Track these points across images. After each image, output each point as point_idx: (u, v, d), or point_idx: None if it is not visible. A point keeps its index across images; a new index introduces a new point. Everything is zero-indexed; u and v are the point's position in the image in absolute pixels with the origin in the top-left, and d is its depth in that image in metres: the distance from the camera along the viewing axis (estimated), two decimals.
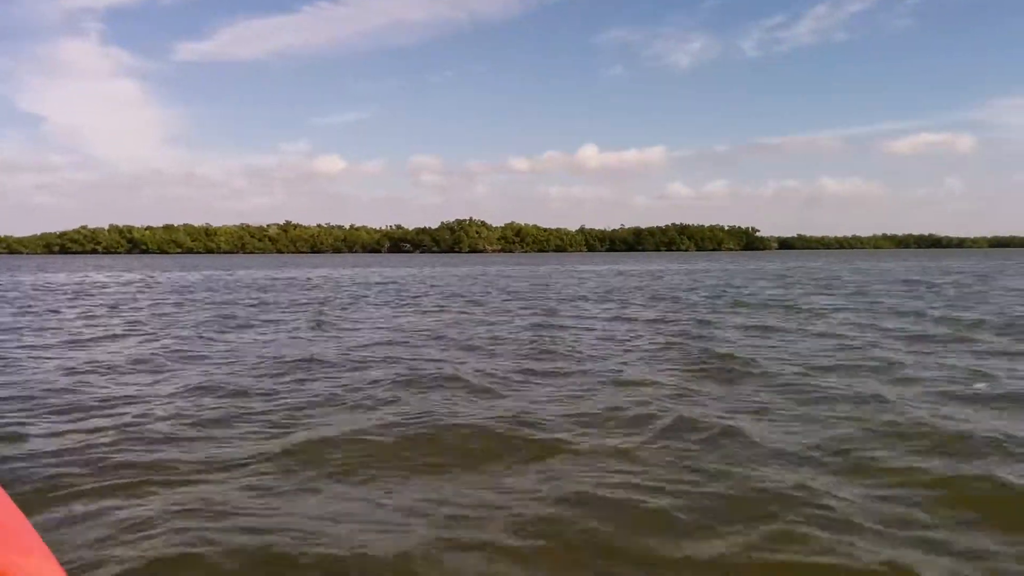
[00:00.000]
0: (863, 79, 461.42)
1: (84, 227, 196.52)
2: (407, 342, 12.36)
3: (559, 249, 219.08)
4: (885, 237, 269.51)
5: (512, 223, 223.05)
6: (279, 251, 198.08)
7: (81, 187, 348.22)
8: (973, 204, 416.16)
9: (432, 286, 32.63)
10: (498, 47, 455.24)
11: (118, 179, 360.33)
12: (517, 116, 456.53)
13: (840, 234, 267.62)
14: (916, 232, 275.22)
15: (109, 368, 9.75)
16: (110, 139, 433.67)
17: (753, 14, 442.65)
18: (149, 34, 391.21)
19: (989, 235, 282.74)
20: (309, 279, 40.95)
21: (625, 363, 10.07)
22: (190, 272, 54.31)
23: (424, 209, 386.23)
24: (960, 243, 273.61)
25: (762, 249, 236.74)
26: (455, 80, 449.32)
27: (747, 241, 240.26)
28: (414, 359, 10.32)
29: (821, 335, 13.01)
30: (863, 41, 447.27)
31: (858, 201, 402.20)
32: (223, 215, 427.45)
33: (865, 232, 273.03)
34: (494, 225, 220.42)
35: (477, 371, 9.19)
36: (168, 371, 9.57)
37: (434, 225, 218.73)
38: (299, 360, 10.05)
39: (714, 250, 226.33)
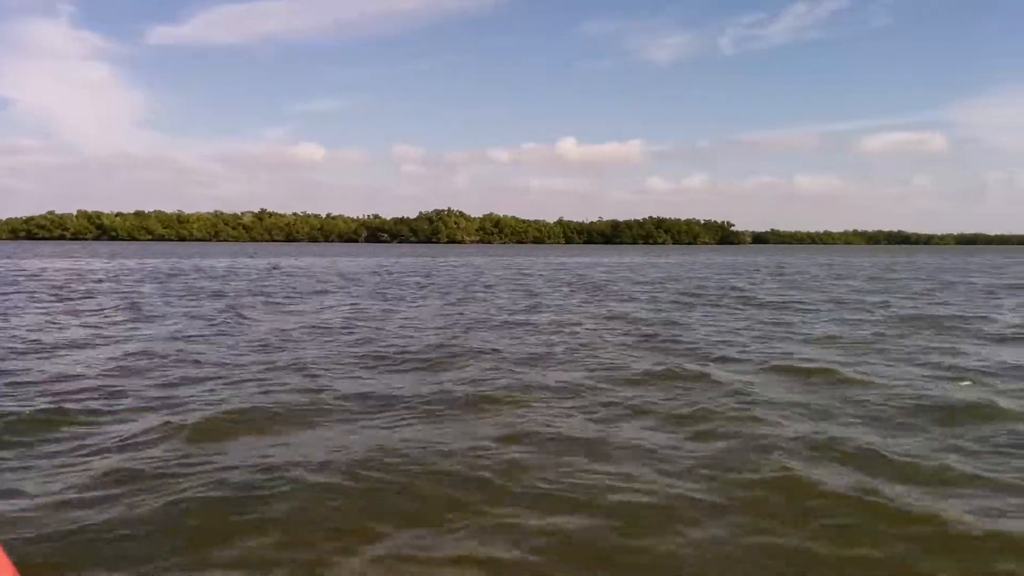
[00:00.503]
0: (839, 77, 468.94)
1: (51, 212, 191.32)
2: (293, 339, 12.25)
3: (537, 241, 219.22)
4: (856, 233, 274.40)
5: (491, 214, 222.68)
6: (253, 239, 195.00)
7: (50, 171, 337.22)
8: (942, 202, 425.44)
9: (378, 277, 32.56)
10: (481, 38, 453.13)
11: (88, 163, 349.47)
12: (497, 107, 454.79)
13: (813, 229, 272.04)
14: (887, 229, 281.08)
15: None
16: (81, 123, 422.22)
17: (732, 11, 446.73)
18: (122, 17, 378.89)
19: (956, 233, 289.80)
20: (261, 267, 40.47)
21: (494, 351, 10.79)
22: (153, 259, 53.60)
23: (404, 199, 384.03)
24: (928, 240, 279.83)
25: (737, 243, 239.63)
26: (437, 70, 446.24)
27: (722, 235, 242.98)
28: (279, 358, 10.30)
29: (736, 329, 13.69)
30: (839, 40, 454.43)
31: (831, 197, 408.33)
32: (197, 202, 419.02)
33: (837, 228, 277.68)
34: (473, 216, 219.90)
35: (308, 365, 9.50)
36: (27, 359, 9.75)
37: (413, 215, 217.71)
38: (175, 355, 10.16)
39: (690, 244, 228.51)
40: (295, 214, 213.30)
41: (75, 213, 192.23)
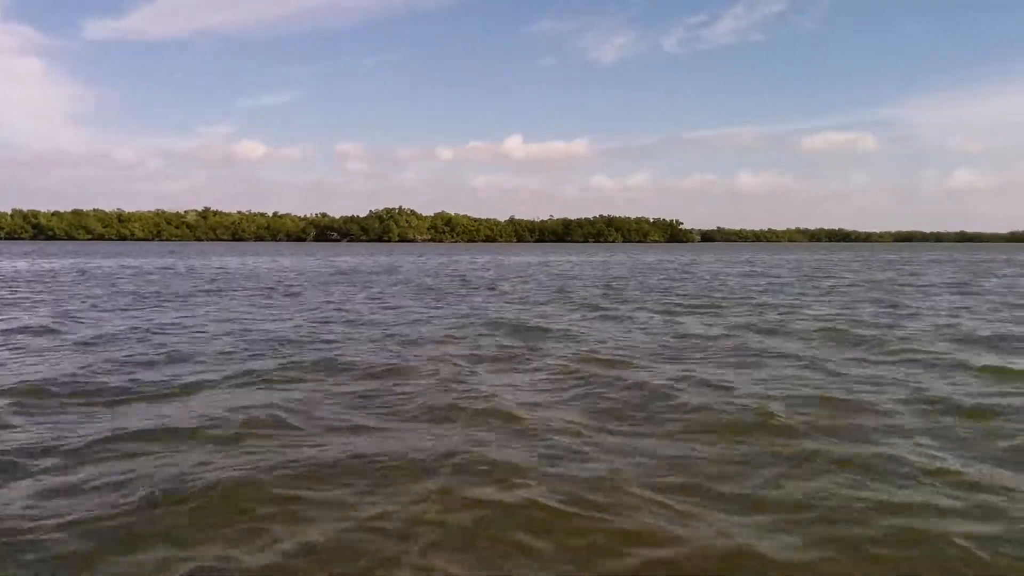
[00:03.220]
0: (778, 77, 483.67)
1: None
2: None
3: (489, 239, 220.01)
4: (799, 231, 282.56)
5: (442, 212, 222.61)
6: (198, 239, 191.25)
7: None
8: (880, 200, 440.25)
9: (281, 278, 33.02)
10: (426, 35, 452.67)
11: (23, 160, 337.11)
12: (442, 104, 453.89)
13: (758, 227, 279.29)
14: (828, 227, 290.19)
15: None
16: (14, 118, 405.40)
17: (676, 11, 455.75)
18: (58, 9, 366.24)
19: (894, 230, 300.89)
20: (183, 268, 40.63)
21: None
22: (84, 260, 52.67)
23: (351, 197, 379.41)
24: (867, 237, 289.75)
25: (685, 241, 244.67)
26: (383, 66, 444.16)
27: (671, 234, 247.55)
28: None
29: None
30: (777, 41, 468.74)
31: (774, 195, 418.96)
32: (137, 200, 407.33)
33: (781, 226, 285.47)
34: (424, 214, 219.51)
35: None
36: None
37: (362, 213, 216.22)
38: None
39: (640, 241, 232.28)
40: (241, 213, 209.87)
41: (10, 212, 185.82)
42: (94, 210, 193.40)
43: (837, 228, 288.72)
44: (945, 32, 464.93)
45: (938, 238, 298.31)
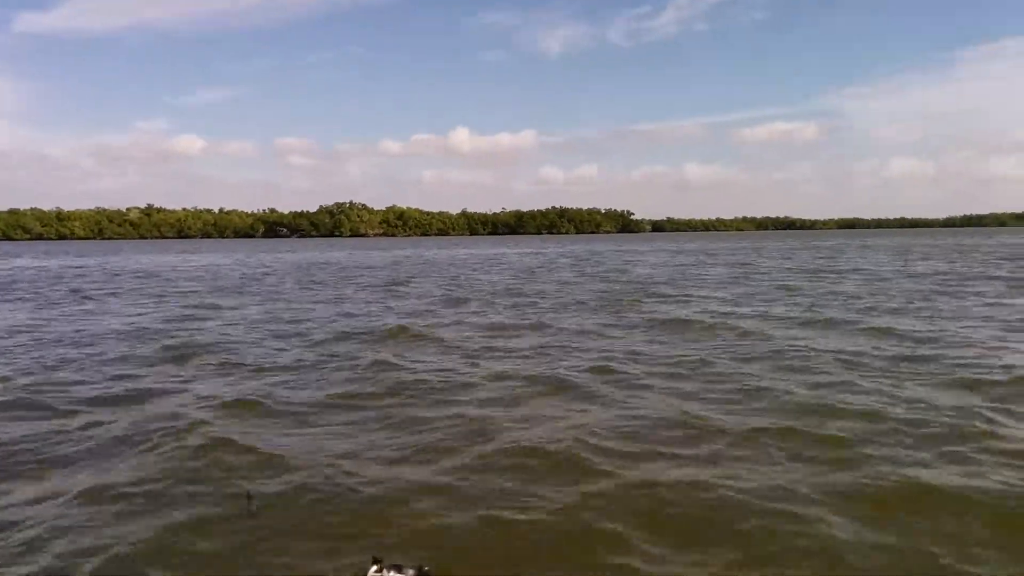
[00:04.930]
0: (721, 68, 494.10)
1: None
2: None
3: (442, 233, 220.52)
4: (746, 219, 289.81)
5: (394, 207, 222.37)
6: (142, 237, 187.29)
7: None
8: (822, 188, 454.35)
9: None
10: (370, 28, 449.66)
11: None
12: (388, 98, 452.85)
13: (706, 217, 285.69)
14: (774, 215, 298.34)
15: None
16: None
17: (620, 2, 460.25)
18: None
19: (837, 217, 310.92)
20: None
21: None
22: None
23: (299, 193, 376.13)
24: (812, 224, 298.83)
25: (637, 231, 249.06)
26: (325, 61, 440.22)
27: (623, 224, 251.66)
28: None
29: None
30: (721, 32, 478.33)
31: (721, 185, 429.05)
32: (76, 199, 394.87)
33: (729, 215, 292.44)
34: (376, 208, 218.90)
35: None
36: None
37: (312, 208, 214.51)
38: None
39: (593, 232, 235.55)
40: (186, 209, 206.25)
41: None
42: (32, 209, 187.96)
43: (783, 216, 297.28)
44: (884, 24, 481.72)
45: (879, 224, 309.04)
